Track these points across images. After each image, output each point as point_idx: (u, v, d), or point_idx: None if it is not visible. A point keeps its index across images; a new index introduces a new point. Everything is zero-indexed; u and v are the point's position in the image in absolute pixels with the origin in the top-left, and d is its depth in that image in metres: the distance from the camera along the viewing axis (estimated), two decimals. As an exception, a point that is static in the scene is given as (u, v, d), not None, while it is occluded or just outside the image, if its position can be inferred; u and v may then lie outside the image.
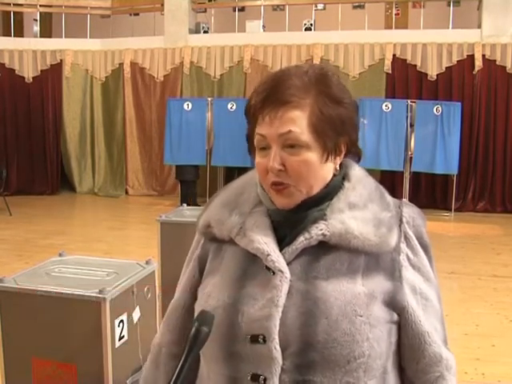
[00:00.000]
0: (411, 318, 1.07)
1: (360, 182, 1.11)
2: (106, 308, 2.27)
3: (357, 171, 1.13)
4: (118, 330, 2.37)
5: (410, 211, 1.12)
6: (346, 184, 1.10)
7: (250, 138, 1.11)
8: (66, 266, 2.66)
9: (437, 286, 1.13)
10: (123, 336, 2.42)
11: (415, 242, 1.10)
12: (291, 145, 1.03)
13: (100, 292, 2.27)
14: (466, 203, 9.51)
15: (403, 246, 1.09)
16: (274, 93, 1.04)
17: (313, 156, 1.04)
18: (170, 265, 3.61)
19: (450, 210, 9.21)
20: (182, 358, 0.94)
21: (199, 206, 8.37)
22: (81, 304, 2.30)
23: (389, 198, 1.13)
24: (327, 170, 1.08)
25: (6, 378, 2.42)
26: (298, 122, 1.03)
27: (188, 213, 4.01)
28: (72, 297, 2.30)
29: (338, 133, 1.06)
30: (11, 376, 2.42)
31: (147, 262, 2.72)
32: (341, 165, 1.11)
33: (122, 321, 2.40)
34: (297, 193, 1.06)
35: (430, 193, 9.67)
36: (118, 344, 2.37)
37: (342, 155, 1.10)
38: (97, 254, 5.53)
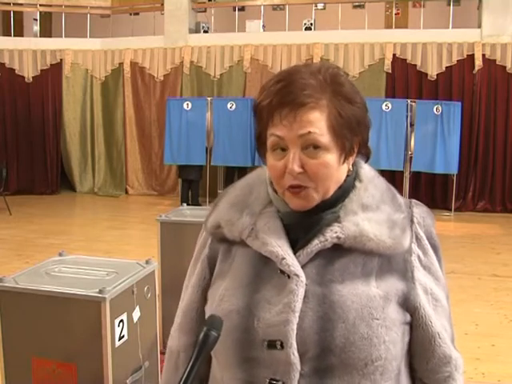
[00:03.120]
0: (423, 319, 1.07)
1: (371, 183, 1.11)
2: (106, 308, 2.27)
3: (367, 171, 1.13)
4: (117, 330, 2.37)
5: (420, 211, 1.12)
6: (358, 184, 1.09)
7: (260, 138, 1.08)
8: (65, 265, 2.66)
9: (445, 285, 1.13)
10: (123, 336, 2.42)
11: (426, 243, 1.11)
12: (310, 146, 1.01)
13: (100, 292, 2.27)
14: (465, 203, 9.51)
15: (414, 246, 1.09)
16: (289, 93, 1.01)
17: (332, 158, 1.03)
18: (169, 264, 3.61)
19: (450, 210, 9.21)
20: (190, 363, 0.93)
21: (201, 205, 8.39)
22: (81, 304, 2.30)
23: (400, 198, 1.12)
24: (343, 172, 1.07)
25: (5, 377, 2.42)
26: (318, 123, 1.01)
27: (188, 213, 4.01)
28: (72, 296, 2.30)
29: (354, 133, 1.05)
30: (11, 376, 2.42)
31: (147, 262, 2.72)
32: (353, 164, 1.11)
33: (121, 320, 2.40)
34: (314, 195, 1.04)
35: (429, 192, 9.66)
36: (117, 344, 2.37)
37: (355, 155, 1.09)
38: (97, 254, 5.53)
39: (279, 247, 1.04)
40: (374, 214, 1.06)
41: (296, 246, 1.06)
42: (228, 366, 1.07)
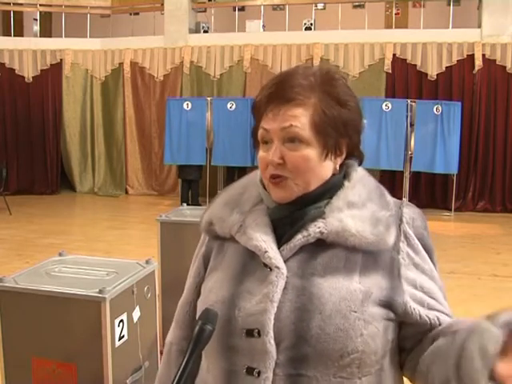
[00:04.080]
0: (413, 315, 1.06)
1: (360, 181, 1.13)
2: (106, 308, 2.27)
3: (358, 171, 1.15)
4: (117, 330, 2.37)
5: (410, 212, 1.13)
6: (346, 183, 1.12)
7: (255, 133, 1.13)
8: (65, 265, 2.66)
9: (442, 286, 1.13)
10: (123, 336, 2.42)
11: (416, 242, 1.11)
12: (291, 139, 1.06)
13: (100, 292, 2.27)
14: (465, 203, 9.51)
15: (403, 245, 1.09)
16: (279, 90, 1.07)
17: (312, 152, 1.06)
18: (169, 264, 3.61)
19: (450, 210, 9.21)
20: (186, 356, 0.95)
21: (200, 205, 8.38)
22: (81, 304, 2.30)
23: (389, 197, 1.14)
24: (326, 169, 1.10)
25: (6, 377, 2.42)
26: (301, 118, 1.06)
27: (188, 212, 4.01)
28: (72, 296, 2.30)
29: (339, 134, 1.08)
30: (11, 376, 2.42)
31: (147, 262, 2.72)
32: (342, 165, 1.13)
33: (121, 320, 2.40)
34: (293, 186, 1.07)
35: (429, 192, 9.67)
36: (117, 344, 2.37)
37: (343, 156, 1.12)
38: (97, 254, 5.53)
39: (263, 241, 1.08)
40: (359, 211, 1.08)
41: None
42: (212, 354, 1.10)
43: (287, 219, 1.10)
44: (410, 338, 1.09)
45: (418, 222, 1.13)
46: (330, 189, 1.10)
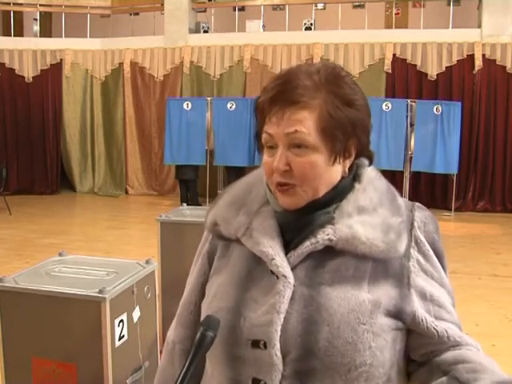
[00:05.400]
0: (422, 325, 1.03)
1: (371, 184, 1.08)
2: (106, 308, 2.27)
3: (369, 172, 1.10)
4: (117, 330, 2.37)
5: (422, 216, 1.09)
6: (357, 185, 1.07)
7: (258, 135, 1.08)
8: (65, 265, 2.66)
9: (451, 292, 1.09)
10: (123, 336, 2.42)
11: (427, 248, 1.07)
12: (297, 145, 1.01)
13: (100, 292, 2.27)
14: (466, 203, 9.51)
15: (413, 251, 1.06)
16: (283, 91, 1.02)
17: (319, 158, 1.02)
18: (169, 264, 3.61)
19: (450, 210, 9.21)
20: (187, 362, 0.94)
21: (200, 205, 8.39)
22: (81, 304, 2.30)
23: (400, 200, 1.10)
24: (334, 173, 1.05)
25: (5, 377, 2.42)
26: (306, 123, 1.00)
27: (188, 212, 4.01)
28: (72, 296, 2.30)
29: (348, 135, 1.03)
30: (11, 376, 2.42)
31: (147, 262, 2.72)
32: (352, 166, 1.08)
33: (121, 320, 2.40)
34: (302, 193, 1.03)
35: (429, 192, 9.67)
36: (117, 344, 2.37)
37: (352, 158, 1.07)
38: (97, 254, 5.53)
39: (270, 247, 1.04)
40: (370, 217, 1.04)
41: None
42: (217, 362, 1.07)
43: (295, 224, 1.06)
44: (418, 348, 1.06)
45: (430, 226, 1.09)
46: (339, 193, 1.06)
